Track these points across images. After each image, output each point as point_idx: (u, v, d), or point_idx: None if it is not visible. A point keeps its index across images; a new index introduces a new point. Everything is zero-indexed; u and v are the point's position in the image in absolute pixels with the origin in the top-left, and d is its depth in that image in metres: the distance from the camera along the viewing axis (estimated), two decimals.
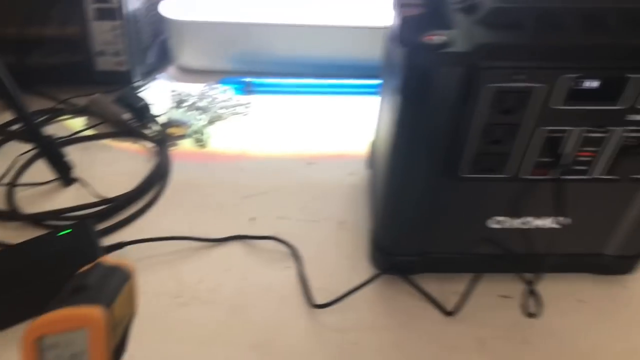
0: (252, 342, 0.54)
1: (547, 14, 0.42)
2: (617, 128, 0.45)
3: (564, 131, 0.45)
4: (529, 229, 0.54)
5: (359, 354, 0.53)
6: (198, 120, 0.78)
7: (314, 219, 0.67)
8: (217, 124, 0.81)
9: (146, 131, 0.77)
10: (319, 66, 0.85)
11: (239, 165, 0.75)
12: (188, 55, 0.89)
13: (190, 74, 0.91)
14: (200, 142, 0.77)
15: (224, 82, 0.85)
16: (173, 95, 0.81)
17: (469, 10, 0.43)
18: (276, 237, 0.64)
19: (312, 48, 0.84)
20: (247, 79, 0.85)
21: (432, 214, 0.53)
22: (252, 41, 0.85)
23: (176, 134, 0.76)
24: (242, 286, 0.60)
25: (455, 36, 0.41)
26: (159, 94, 0.85)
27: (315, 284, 0.60)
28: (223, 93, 0.82)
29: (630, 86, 0.42)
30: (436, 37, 0.40)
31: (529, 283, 0.56)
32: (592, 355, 0.52)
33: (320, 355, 0.54)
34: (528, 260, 0.57)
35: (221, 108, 0.81)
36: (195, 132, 0.77)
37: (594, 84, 0.41)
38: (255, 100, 0.86)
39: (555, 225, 0.54)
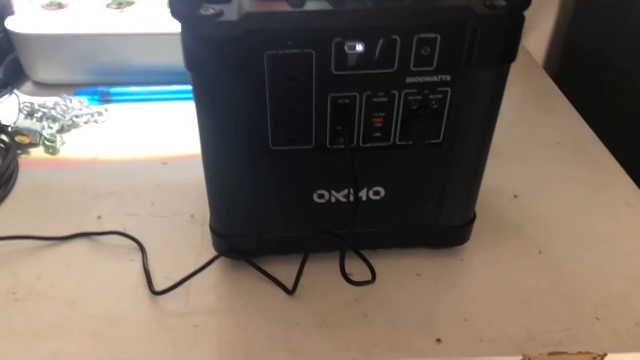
0: (89, 333, 0.54)
1: None
2: (399, 92, 0.49)
3: (352, 97, 0.49)
4: (351, 203, 0.56)
5: (198, 337, 0.54)
6: (49, 128, 0.77)
7: (163, 214, 0.68)
8: (71, 132, 0.81)
9: None
10: (174, 74, 0.87)
11: (90, 169, 0.75)
12: (41, 70, 0.89)
13: (46, 88, 0.90)
14: (51, 150, 0.76)
15: (78, 93, 0.86)
16: (24, 107, 0.80)
17: None
18: (120, 232, 0.64)
19: (167, 56, 0.86)
20: (104, 89, 0.86)
21: (255, 192, 0.55)
22: (106, 52, 0.86)
23: (25, 142, 0.76)
24: (82, 280, 0.59)
25: (228, 8, 0.44)
26: (10, 108, 0.84)
27: (160, 274, 0.60)
28: (77, 103, 0.82)
29: (400, 48, 0.46)
30: (209, 9, 0.43)
31: (364, 258, 0.59)
32: (427, 323, 0.55)
33: (158, 339, 0.54)
34: (362, 236, 0.59)
35: (75, 117, 0.81)
36: (46, 139, 0.76)
37: (361, 47, 0.45)
38: (112, 108, 0.86)
39: (374, 197, 0.57)
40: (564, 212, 0.70)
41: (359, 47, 0.45)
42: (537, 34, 1.13)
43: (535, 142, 0.83)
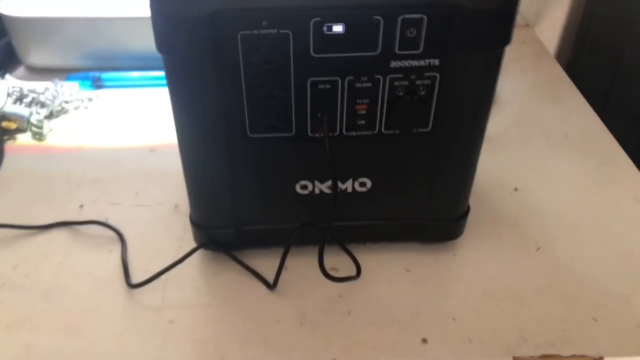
0: (62, 325, 0.52)
1: None
2: (383, 77, 0.46)
3: (334, 82, 0.46)
4: (337, 196, 0.53)
5: (172, 332, 0.52)
6: (37, 114, 0.76)
7: (147, 204, 0.66)
8: (60, 118, 0.79)
9: None
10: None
11: (76, 156, 0.73)
12: (34, 54, 0.87)
13: (39, 72, 0.88)
14: (37, 136, 0.74)
15: (70, 78, 0.84)
16: (13, 92, 0.79)
17: None
18: (100, 222, 0.62)
19: None
20: (95, 74, 0.84)
21: (234, 182, 0.52)
22: (100, 36, 0.84)
23: (12, 128, 0.74)
24: (59, 271, 0.57)
25: None
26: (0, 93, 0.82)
27: (138, 265, 0.58)
28: (67, 88, 0.80)
29: (384, 30, 0.43)
30: None
31: (349, 252, 0.56)
32: (413, 322, 0.52)
33: (131, 333, 0.52)
34: (348, 229, 0.57)
35: (64, 102, 0.79)
36: (34, 125, 0.74)
37: (341, 28, 0.42)
38: (104, 94, 0.84)
39: (360, 189, 0.54)
40: (566, 207, 0.66)
41: (339, 28, 0.42)
42: (550, 22, 1.08)
43: (541, 133, 0.80)
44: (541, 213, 0.65)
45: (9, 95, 0.79)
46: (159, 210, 0.65)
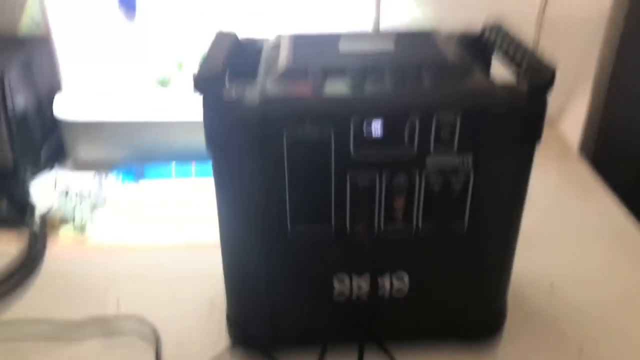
0: None
1: (331, 69, 0.47)
2: (419, 174, 0.47)
3: (372, 179, 0.47)
4: (375, 293, 0.54)
5: None
6: (80, 208, 0.79)
7: (183, 301, 0.66)
8: (103, 211, 0.82)
9: (26, 220, 0.77)
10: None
11: (117, 251, 0.75)
12: (82, 151, 0.92)
13: (85, 166, 0.92)
14: (80, 229, 0.77)
15: (114, 170, 0.88)
16: (60, 186, 0.83)
17: (270, 72, 0.48)
18: (137, 317, 0.62)
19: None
20: (139, 167, 0.88)
21: (273, 278, 0.53)
22: (144, 136, 0.89)
23: (56, 222, 0.77)
24: None
25: (253, 91, 0.45)
26: (48, 186, 0.86)
27: None
28: (111, 181, 0.84)
29: (419, 130, 0.45)
30: (233, 90, 0.44)
31: (387, 353, 0.55)
32: None
33: None
34: (384, 329, 0.56)
35: (107, 196, 0.82)
36: (76, 218, 0.77)
37: (379, 130, 0.45)
38: (146, 186, 0.88)
39: (397, 285, 0.54)
40: (606, 304, 0.65)
41: (377, 130, 0.45)
42: (572, 119, 1.11)
43: (572, 229, 0.79)
44: (580, 311, 0.64)
45: (55, 187, 0.83)
46: (196, 308, 0.65)
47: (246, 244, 0.51)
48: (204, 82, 0.44)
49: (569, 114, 1.11)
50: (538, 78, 0.46)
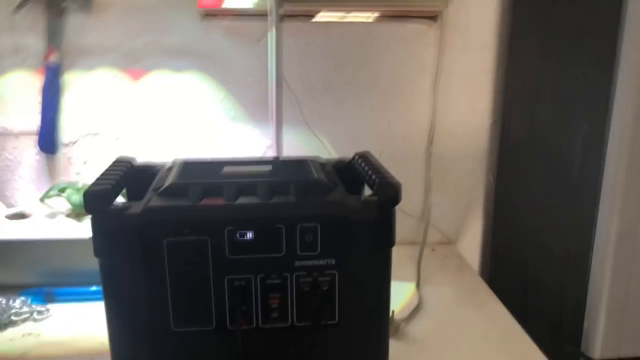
0: None
1: (210, 186, 0.55)
2: (290, 274, 0.54)
3: (248, 279, 0.54)
4: None
5: None
6: None
7: None
8: (7, 330, 0.82)
9: None
10: None
11: None
12: None
13: None
14: None
15: (23, 294, 0.89)
16: None
17: (157, 188, 0.56)
18: None
19: None
20: (49, 289, 0.90)
21: None
22: (54, 256, 0.92)
23: None
24: None
25: (137, 205, 0.52)
26: None
27: None
28: (18, 303, 0.86)
29: (284, 235, 0.53)
30: (119, 205, 0.51)
31: None
32: None
33: None
34: None
35: (13, 316, 0.83)
36: None
37: (250, 234, 0.52)
38: (55, 308, 0.89)
39: None
40: None
41: (249, 235, 0.52)
42: (469, 239, 1.23)
43: (463, 336, 0.86)
44: None
45: None
46: None
47: (132, 345, 0.55)
48: (92, 197, 0.51)
49: (467, 235, 1.23)
50: (386, 193, 0.56)
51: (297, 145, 1.13)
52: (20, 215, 1.00)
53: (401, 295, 0.98)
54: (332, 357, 0.58)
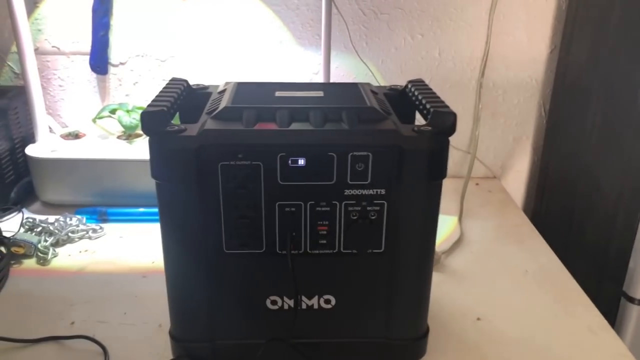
0: None
1: (263, 110, 0.55)
2: (339, 203, 0.54)
3: (298, 206, 0.54)
4: (305, 311, 0.59)
5: None
6: (45, 242, 0.84)
7: (133, 323, 0.71)
8: (66, 246, 0.87)
9: None
10: None
11: (74, 279, 0.80)
12: (50, 192, 0.99)
13: (52, 208, 0.99)
14: (42, 260, 0.82)
15: (79, 212, 0.94)
16: (26, 222, 0.88)
17: (211, 111, 0.56)
18: (87, 337, 0.67)
19: None
20: (102, 209, 0.94)
21: (211, 295, 0.58)
22: (110, 177, 0.96)
23: (19, 253, 0.82)
24: None
25: (192, 127, 0.53)
26: (15, 224, 0.91)
27: None
28: (75, 220, 0.90)
29: (336, 163, 0.53)
30: (174, 126, 0.52)
31: None
32: None
33: None
34: (316, 347, 0.61)
35: (70, 232, 0.88)
36: (39, 251, 0.83)
37: (302, 161, 0.52)
38: (108, 227, 0.93)
39: (325, 306, 0.60)
40: (526, 336, 0.71)
41: (301, 162, 0.52)
42: (514, 174, 1.20)
43: (503, 269, 0.86)
44: (502, 341, 0.70)
45: (22, 225, 0.89)
46: (144, 328, 0.70)
47: (186, 264, 0.57)
48: (149, 118, 0.51)
49: (512, 170, 1.20)
50: (441, 123, 0.54)
51: (344, 72, 1.10)
52: (75, 135, 1.03)
53: (443, 228, 0.98)
54: (376, 284, 0.59)
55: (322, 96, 0.61)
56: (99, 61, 1.07)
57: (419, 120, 0.63)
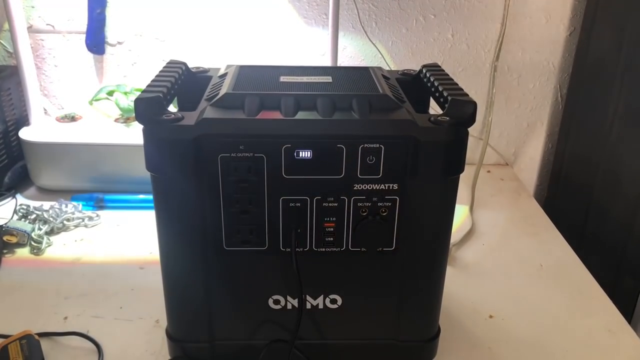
0: None
1: (267, 97, 0.50)
2: (348, 198, 0.50)
3: (303, 201, 0.50)
4: (310, 311, 0.56)
5: None
6: (39, 230, 0.81)
7: (129, 318, 0.68)
8: (61, 235, 0.84)
9: None
10: None
11: (69, 271, 0.76)
12: (45, 176, 0.95)
13: (47, 193, 0.95)
14: (35, 250, 0.79)
15: (75, 199, 0.90)
16: (20, 209, 0.85)
17: (211, 98, 0.52)
18: (80, 333, 0.64)
19: None
20: (99, 195, 0.91)
21: (209, 294, 0.55)
22: (107, 161, 0.92)
23: (12, 241, 0.79)
24: None
25: (190, 115, 0.49)
26: (8, 210, 0.88)
27: None
28: (71, 207, 0.87)
29: (345, 156, 0.49)
30: (170, 115, 0.47)
31: None
32: None
33: None
34: (321, 348, 0.58)
35: (66, 220, 0.84)
36: (33, 240, 0.79)
37: (308, 153, 0.48)
38: (105, 214, 0.90)
39: (331, 306, 0.56)
40: (541, 336, 0.67)
41: (307, 154, 0.48)
42: (527, 162, 1.16)
43: (517, 263, 0.82)
44: (515, 340, 0.66)
45: (15, 212, 0.85)
46: (140, 324, 0.67)
47: (184, 261, 0.53)
48: (143, 105, 0.47)
49: (525, 157, 1.16)
50: (460, 112, 0.50)
51: (352, 54, 1.05)
52: (70, 118, 0.99)
53: (454, 218, 0.95)
54: (386, 284, 0.55)
55: (330, 82, 0.56)
56: (96, 40, 1.02)
57: (433, 108, 0.59)
